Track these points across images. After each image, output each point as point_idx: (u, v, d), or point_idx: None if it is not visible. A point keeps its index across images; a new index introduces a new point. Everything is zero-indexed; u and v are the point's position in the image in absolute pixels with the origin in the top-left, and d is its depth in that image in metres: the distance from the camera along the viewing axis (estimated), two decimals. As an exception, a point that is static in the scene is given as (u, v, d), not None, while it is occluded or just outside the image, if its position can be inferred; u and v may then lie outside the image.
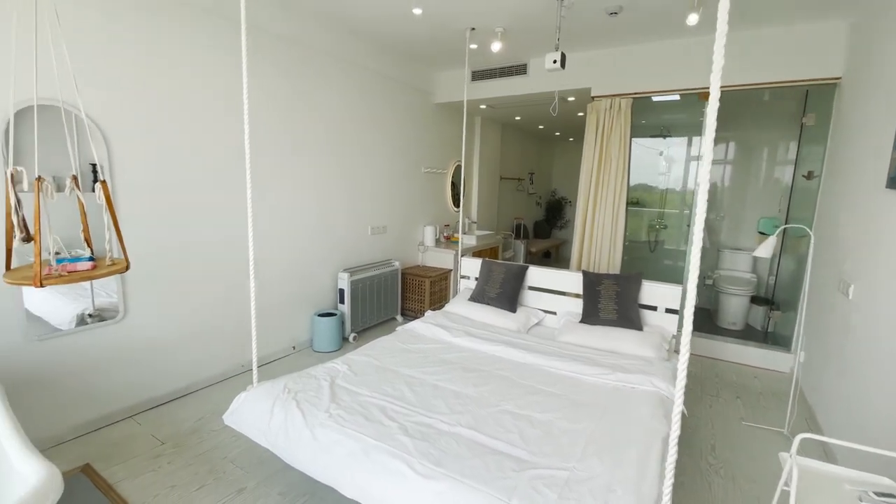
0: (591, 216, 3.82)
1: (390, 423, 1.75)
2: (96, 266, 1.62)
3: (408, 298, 4.31)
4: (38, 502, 0.99)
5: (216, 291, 2.85)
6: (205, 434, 2.33)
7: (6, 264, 1.53)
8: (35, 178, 1.48)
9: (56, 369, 2.19)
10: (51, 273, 1.46)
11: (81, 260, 1.63)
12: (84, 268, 1.57)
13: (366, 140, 3.85)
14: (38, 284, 1.39)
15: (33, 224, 1.43)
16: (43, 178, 1.49)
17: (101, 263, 1.67)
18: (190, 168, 2.62)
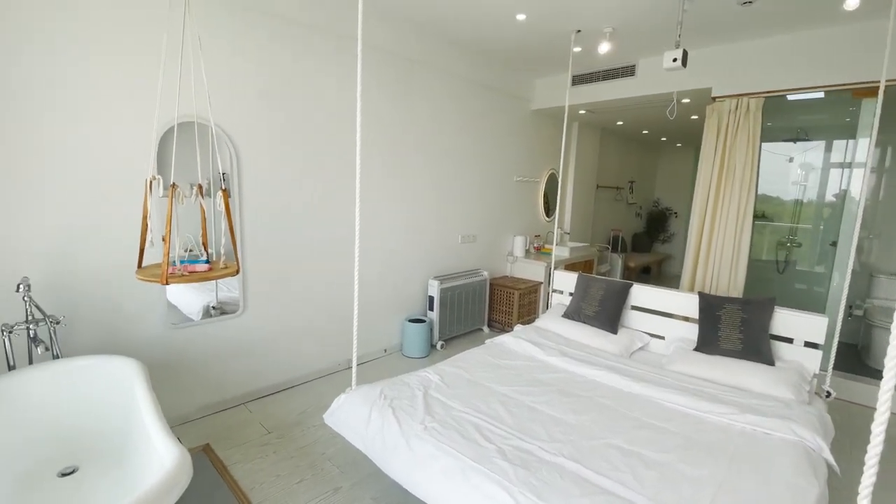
0: (708, 230, 3.42)
1: (487, 445, 1.67)
2: (212, 268, 1.78)
3: (495, 309, 4.23)
4: (172, 486, 1.07)
5: (321, 292, 3.02)
6: (306, 428, 2.46)
7: (139, 262, 1.73)
8: (170, 185, 1.66)
9: (186, 355, 2.46)
10: (175, 272, 1.63)
11: (199, 262, 1.80)
12: (201, 269, 1.72)
13: (458, 149, 3.85)
14: (164, 282, 1.55)
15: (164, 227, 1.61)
16: (177, 186, 1.67)
17: (216, 266, 1.82)
18: (302, 177, 2.81)
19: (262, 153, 2.61)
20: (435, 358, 3.48)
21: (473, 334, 4.05)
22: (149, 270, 1.67)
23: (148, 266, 1.73)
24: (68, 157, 1.98)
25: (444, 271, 3.89)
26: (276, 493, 1.94)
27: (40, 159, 1.91)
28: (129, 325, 2.23)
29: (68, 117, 1.96)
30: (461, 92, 3.79)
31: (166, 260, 1.54)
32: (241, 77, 2.47)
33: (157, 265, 1.78)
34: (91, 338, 2.12)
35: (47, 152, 1.93)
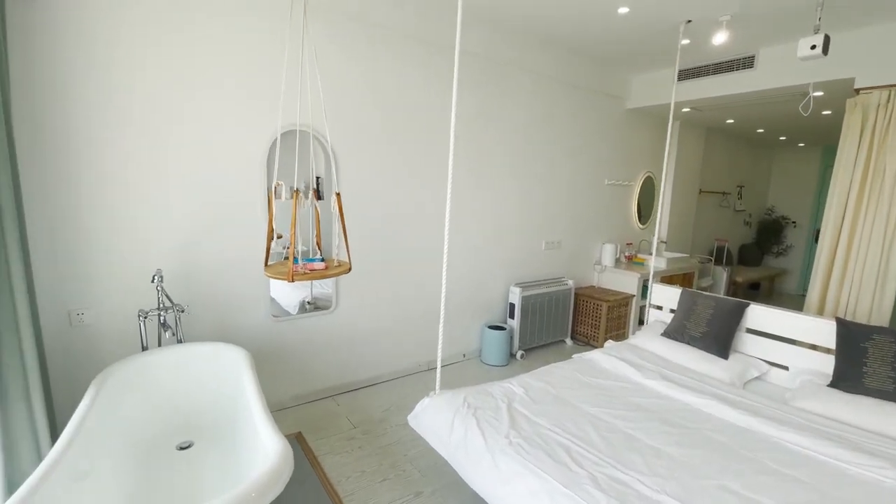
0: (845, 245, 2.92)
1: (578, 469, 1.56)
2: (328, 267, 1.87)
3: (580, 321, 4.01)
4: (277, 478, 1.12)
5: (406, 294, 3.09)
6: (389, 426, 2.51)
7: (265, 260, 1.87)
8: (294, 190, 1.77)
9: (284, 345, 2.64)
10: (298, 270, 1.73)
11: (316, 260, 1.90)
12: (319, 267, 1.81)
13: (546, 151, 3.71)
14: (291, 280, 1.65)
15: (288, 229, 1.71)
16: (299, 191, 1.77)
17: (331, 264, 1.92)
18: (394, 183, 2.89)
19: (358, 159, 2.72)
20: (514, 367, 3.38)
21: (555, 346, 3.87)
22: (275, 268, 1.80)
23: (273, 264, 1.86)
24: (194, 162, 2.22)
25: (527, 278, 3.77)
26: (361, 489, 1.99)
27: (174, 164, 2.17)
28: (238, 315, 2.45)
29: (196, 124, 2.20)
30: (551, 92, 3.65)
31: (292, 259, 1.65)
32: (344, 86, 2.60)
33: (280, 263, 1.92)
34: (206, 325, 2.35)
35: (179, 156, 2.18)
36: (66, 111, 1.91)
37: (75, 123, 1.93)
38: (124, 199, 2.07)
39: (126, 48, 1.99)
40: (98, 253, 2.05)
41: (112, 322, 2.11)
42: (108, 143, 2.00)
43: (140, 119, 2.06)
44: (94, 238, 2.03)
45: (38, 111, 1.86)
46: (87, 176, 1.98)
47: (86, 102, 1.94)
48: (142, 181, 2.10)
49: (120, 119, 2.02)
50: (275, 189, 1.82)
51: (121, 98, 2.01)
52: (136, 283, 2.13)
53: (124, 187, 2.07)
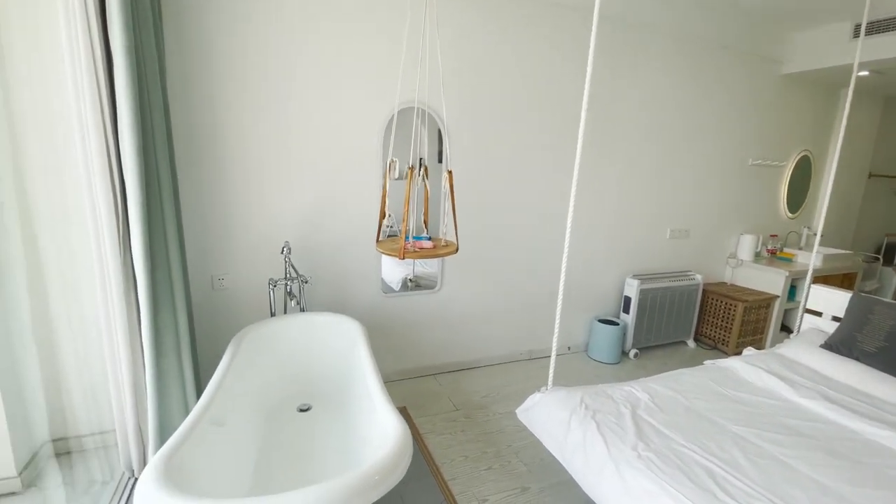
0: None
1: (726, 500, 1.32)
2: (436, 246, 1.81)
3: (706, 322, 3.53)
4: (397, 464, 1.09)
5: (511, 279, 2.96)
6: (490, 413, 2.44)
7: (377, 236, 1.86)
8: (408, 168, 1.72)
9: (391, 321, 2.68)
10: (408, 248, 1.69)
11: (423, 239, 1.85)
12: (428, 246, 1.76)
13: (680, 126, 3.25)
14: (402, 257, 1.61)
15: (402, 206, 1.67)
16: (414, 167, 1.72)
17: (438, 244, 1.85)
18: (508, 162, 2.74)
19: (472, 136, 2.61)
20: (627, 367, 3.09)
21: (674, 347, 3.47)
22: (386, 244, 1.80)
23: (384, 240, 1.86)
24: (317, 144, 2.29)
25: (646, 270, 3.40)
26: (465, 474, 1.95)
27: (300, 146, 2.26)
28: (352, 288, 2.53)
29: (319, 108, 2.26)
30: (693, 57, 3.15)
31: (403, 237, 1.62)
32: (462, 59, 2.49)
33: (390, 240, 1.92)
34: (324, 296, 2.47)
35: (304, 139, 2.26)
36: (213, 101, 2.07)
37: (219, 112, 2.09)
38: (258, 179, 2.22)
39: (259, 37, 2.09)
40: (236, 226, 2.23)
41: (246, 288, 2.30)
42: (245, 128, 2.14)
43: (272, 105, 2.17)
44: (233, 213, 2.21)
45: (189, 106, 2.04)
46: (227, 158, 2.15)
47: (227, 91, 2.09)
48: (273, 163, 2.23)
49: (255, 105, 2.14)
50: (389, 166, 1.79)
51: (254, 85, 2.12)
52: (267, 253, 2.28)
53: (258, 168, 2.21)
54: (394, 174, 1.79)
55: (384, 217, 1.83)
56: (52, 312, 1.86)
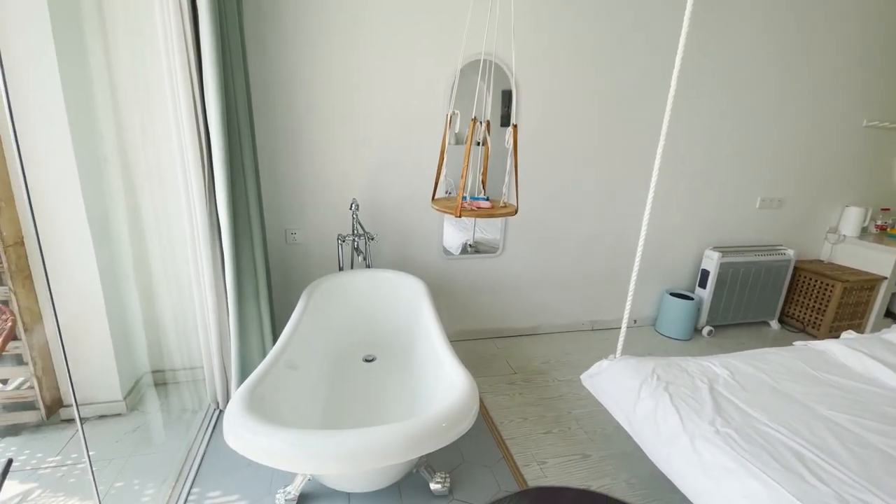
0: None
1: (818, 485, 1.20)
2: (493, 206, 1.75)
3: (795, 302, 3.20)
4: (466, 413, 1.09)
5: (577, 246, 2.84)
6: (550, 379, 2.40)
7: (433, 194, 1.83)
8: (471, 120, 1.65)
9: (452, 282, 2.69)
10: (464, 206, 1.65)
11: (481, 199, 1.79)
12: (485, 206, 1.70)
13: (780, 80, 2.85)
14: (458, 215, 1.57)
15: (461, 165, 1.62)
16: (477, 120, 1.65)
17: (496, 205, 1.79)
18: (580, 120, 2.57)
19: (542, 91, 2.47)
20: (699, 345, 2.90)
21: (755, 328, 3.19)
22: (443, 202, 1.77)
23: (441, 198, 1.84)
24: (384, 104, 2.28)
25: (729, 242, 3.11)
26: (524, 436, 1.95)
27: (368, 102, 2.26)
28: (414, 248, 2.55)
29: (386, 67, 2.22)
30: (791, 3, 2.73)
31: (461, 194, 1.58)
32: (532, 3, 2.33)
33: (447, 198, 1.89)
34: (388, 254, 2.51)
35: (372, 100, 2.25)
36: (287, 64, 2.10)
37: (292, 73, 2.12)
38: (331, 139, 2.26)
39: None
40: (308, 183, 2.30)
41: (316, 242, 2.39)
42: (316, 88, 2.17)
43: (341, 63, 2.16)
44: (305, 171, 2.28)
45: (266, 70, 2.08)
46: (301, 121, 2.20)
47: (300, 53, 2.11)
48: (343, 123, 2.25)
49: (325, 64, 2.15)
50: (450, 119, 1.71)
51: (325, 46, 2.12)
52: (336, 210, 2.35)
53: (331, 129, 2.25)
54: (454, 128, 1.72)
55: (441, 171, 1.78)
56: (150, 258, 2.05)
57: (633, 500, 1.66)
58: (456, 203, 1.64)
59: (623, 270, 2.96)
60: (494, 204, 1.79)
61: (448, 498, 1.58)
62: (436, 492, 1.57)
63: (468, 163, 1.60)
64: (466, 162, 1.60)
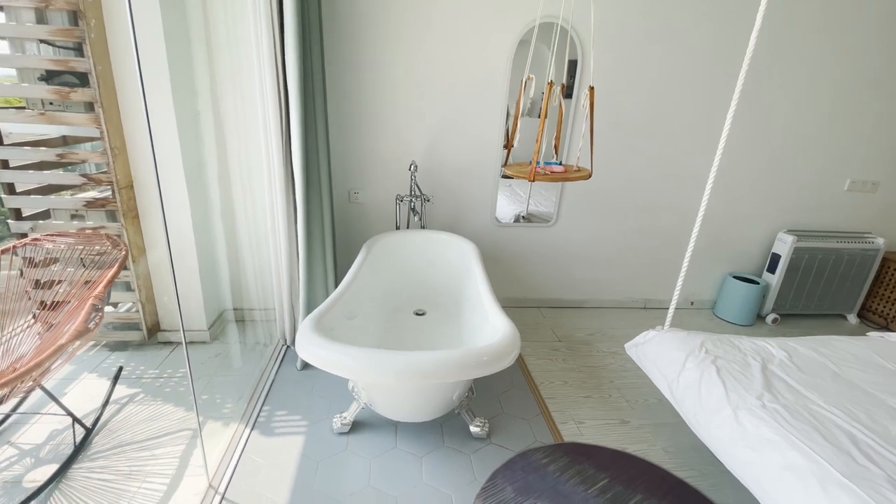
0: None
1: (867, 464, 1.17)
2: (567, 171, 1.76)
3: (879, 295, 2.93)
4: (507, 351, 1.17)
5: (634, 220, 2.77)
6: (594, 349, 2.42)
7: (505, 159, 1.87)
8: (547, 83, 1.66)
9: (502, 250, 2.75)
10: (538, 171, 1.68)
11: (555, 164, 1.81)
12: (559, 170, 1.72)
13: (878, 47, 2.53)
14: (531, 179, 1.61)
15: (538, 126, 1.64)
16: (552, 82, 1.66)
17: (570, 169, 1.80)
18: (652, 86, 2.47)
19: (612, 60, 2.39)
20: (761, 332, 2.76)
21: (829, 321, 2.97)
22: (515, 167, 1.80)
23: (513, 164, 1.87)
24: (445, 67, 2.32)
25: (806, 225, 2.89)
26: (563, 396, 2.01)
27: (428, 63, 2.31)
28: (467, 213, 2.63)
29: (448, 24, 2.26)
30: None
31: (535, 158, 1.61)
32: (605, -32, 2.25)
33: (519, 164, 1.93)
34: (442, 216, 2.61)
35: (432, 64, 2.31)
36: (359, 30, 2.20)
37: (361, 42, 2.22)
38: (394, 105, 2.37)
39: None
40: (372, 146, 2.43)
41: (376, 202, 2.54)
42: (382, 52, 2.25)
43: (407, 27, 2.23)
44: (370, 134, 2.41)
45: (338, 34, 2.19)
46: (366, 85, 2.31)
47: (369, 23, 2.19)
48: (406, 88, 2.34)
49: (395, 34, 2.22)
50: (524, 83, 1.73)
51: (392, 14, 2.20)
52: (395, 172, 2.47)
53: (393, 95, 2.34)
54: (529, 93, 1.73)
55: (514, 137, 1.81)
56: (234, 206, 2.29)
57: (669, 467, 1.68)
58: (530, 167, 1.66)
59: (682, 248, 2.85)
60: (568, 169, 1.80)
61: (486, 441, 1.69)
62: (475, 434, 1.69)
63: (544, 126, 1.62)
64: (542, 125, 1.62)
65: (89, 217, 2.05)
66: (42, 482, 1.42)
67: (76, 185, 2.03)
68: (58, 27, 1.71)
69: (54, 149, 1.89)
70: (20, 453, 1.56)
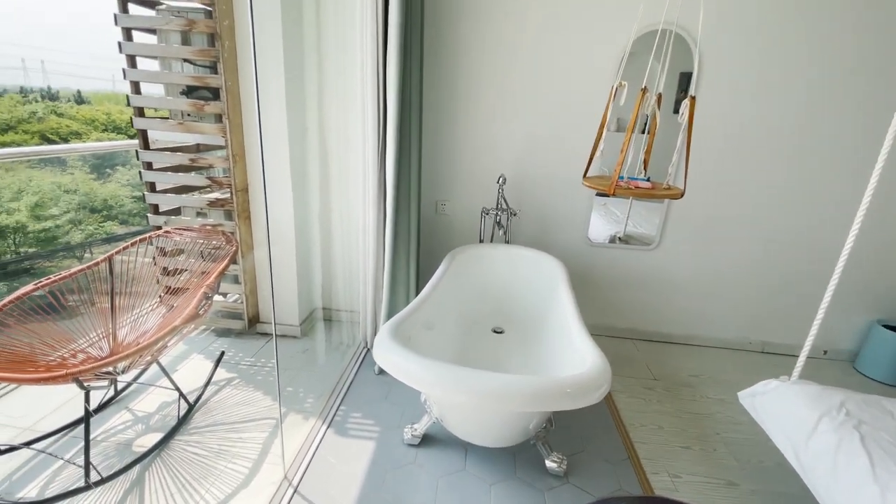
0: None
1: None
2: (654, 187, 1.58)
3: None
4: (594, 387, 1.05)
5: (753, 249, 2.42)
6: (697, 395, 2.13)
7: (585, 170, 1.73)
8: (641, 89, 1.52)
9: (593, 271, 2.56)
10: (620, 185, 1.53)
11: (641, 179, 1.64)
12: (645, 186, 1.56)
13: None
14: (612, 193, 1.48)
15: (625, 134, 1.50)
16: (646, 90, 1.51)
17: (658, 186, 1.62)
18: (777, 105, 2.16)
19: (733, 69, 2.14)
20: (923, 396, 2.21)
21: None
22: (595, 179, 1.68)
23: (594, 176, 1.75)
24: (539, 71, 2.25)
25: None
26: (657, 443, 1.77)
27: (524, 77, 2.26)
28: (556, 230, 2.50)
29: (544, 35, 2.18)
30: None
31: (618, 170, 1.48)
32: (731, -32, 2.02)
33: (601, 176, 1.80)
34: (529, 232, 2.51)
35: (528, 71, 2.25)
36: (456, 43, 2.23)
37: (457, 55, 2.24)
38: (485, 117, 2.35)
39: None
40: (460, 159, 2.43)
41: (461, 214, 2.52)
42: (479, 64, 2.26)
43: (500, 43, 2.21)
44: (460, 147, 2.41)
45: (437, 48, 2.24)
46: (458, 102, 2.32)
47: (465, 37, 2.21)
48: (499, 99, 2.31)
49: (492, 45, 2.22)
50: (615, 90, 1.59)
51: (484, 23, 2.18)
52: (483, 184, 2.44)
53: (485, 107, 2.33)
54: (619, 100, 1.59)
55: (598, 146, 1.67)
56: (331, 210, 2.43)
57: (790, 550, 1.39)
58: (611, 180, 1.54)
59: (814, 287, 2.41)
60: (656, 186, 1.63)
61: (562, 479, 1.54)
62: (551, 470, 1.55)
63: (631, 136, 1.49)
64: (629, 135, 1.49)
65: (211, 215, 2.30)
66: (147, 448, 1.58)
67: (203, 186, 2.30)
68: (199, 48, 1.97)
69: (189, 154, 2.16)
70: (134, 419, 1.77)
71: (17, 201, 6.19)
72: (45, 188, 6.32)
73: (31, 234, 6.20)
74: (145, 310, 1.99)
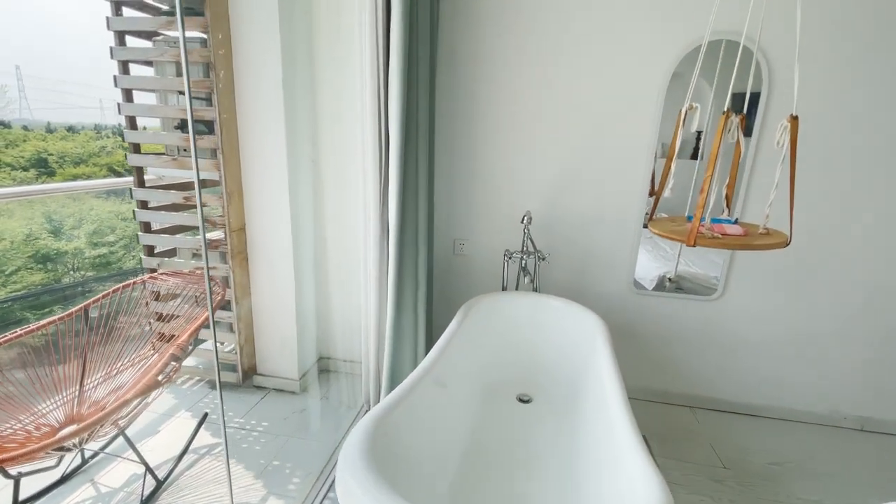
0: None
1: None
2: (748, 233, 1.20)
3: None
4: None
5: (844, 302, 1.94)
6: (782, 492, 1.64)
7: (651, 212, 1.38)
8: (723, 112, 1.16)
9: (640, 324, 2.15)
10: (702, 231, 1.16)
11: (727, 221, 1.27)
12: (736, 232, 1.18)
13: None
14: (691, 243, 1.11)
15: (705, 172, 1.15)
16: (729, 112, 1.16)
17: (752, 231, 1.24)
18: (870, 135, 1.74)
19: (815, 78, 1.75)
20: None
21: None
22: (665, 224, 1.31)
23: (662, 219, 1.38)
24: (570, 108, 1.94)
25: None
26: (733, 571, 1.32)
27: (553, 102, 1.96)
28: (595, 276, 2.12)
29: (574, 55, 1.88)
30: None
31: (699, 214, 1.12)
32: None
33: (673, 219, 1.43)
34: (561, 278, 2.15)
35: (557, 93, 1.94)
36: (472, 72, 1.98)
37: (474, 80, 1.98)
38: (509, 144, 2.05)
39: None
40: (480, 194, 2.14)
41: (482, 256, 2.20)
42: (496, 95, 1.98)
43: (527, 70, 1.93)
44: (480, 181, 2.12)
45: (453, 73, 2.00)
46: (479, 124, 2.05)
47: (485, 58, 1.95)
48: (523, 127, 2.01)
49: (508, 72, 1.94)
50: (684, 114, 1.25)
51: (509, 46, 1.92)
52: (506, 222, 2.12)
53: (509, 133, 2.04)
54: (690, 126, 1.25)
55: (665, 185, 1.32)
56: (328, 256, 2.19)
57: None
58: (691, 226, 1.16)
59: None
60: (749, 231, 1.24)
61: None
62: None
63: (714, 169, 1.12)
64: (712, 168, 1.12)
65: (208, 257, 2.12)
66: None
67: (197, 226, 2.13)
68: (193, 79, 1.82)
69: (183, 192, 2.00)
70: (96, 496, 1.53)
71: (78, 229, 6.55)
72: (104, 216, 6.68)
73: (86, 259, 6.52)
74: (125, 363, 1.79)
